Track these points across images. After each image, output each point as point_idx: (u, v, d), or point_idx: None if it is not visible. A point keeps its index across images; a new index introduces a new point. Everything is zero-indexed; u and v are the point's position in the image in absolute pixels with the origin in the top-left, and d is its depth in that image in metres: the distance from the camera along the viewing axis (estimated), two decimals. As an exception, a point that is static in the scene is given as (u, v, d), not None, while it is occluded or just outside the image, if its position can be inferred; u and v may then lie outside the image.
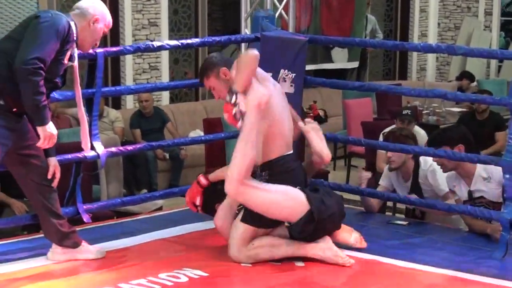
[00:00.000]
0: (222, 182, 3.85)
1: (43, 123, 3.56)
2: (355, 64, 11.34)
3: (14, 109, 3.58)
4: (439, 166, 4.43)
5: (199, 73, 4.06)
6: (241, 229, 3.84)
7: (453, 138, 4.37)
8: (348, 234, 4.00)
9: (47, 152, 3.76)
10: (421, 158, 4.72)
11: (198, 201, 4.20)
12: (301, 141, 4.52)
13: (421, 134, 6.34)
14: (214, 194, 4.14)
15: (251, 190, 3.73)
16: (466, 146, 4.33)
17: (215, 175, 4.16)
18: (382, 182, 4.84)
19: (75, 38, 3.68)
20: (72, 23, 3.65)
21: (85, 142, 4.13)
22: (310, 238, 3.84)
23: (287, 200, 3.78)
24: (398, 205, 5.45)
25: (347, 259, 3.82)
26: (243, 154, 3.71)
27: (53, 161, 3.80)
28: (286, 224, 3.83)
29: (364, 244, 4.04)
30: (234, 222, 3.89)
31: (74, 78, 3.85)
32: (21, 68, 3.44)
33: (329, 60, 10.96)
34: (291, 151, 3.94)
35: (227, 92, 3.80)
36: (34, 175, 3.74)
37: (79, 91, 3.93)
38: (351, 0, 11.11)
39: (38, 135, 3.63)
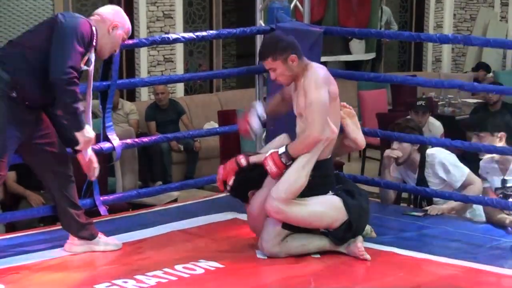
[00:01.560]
0: (260, 170, 3.78)
1: (80, 128, 3.63)
2: (372, 56, 11.29)
3: (27, 103, 3.60)
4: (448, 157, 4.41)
5: (263, 51, 3.85)
6: (278, 228, 3.79)
7: (495, 124, 4.34)
8: None
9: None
10: (428, 151, 4.70)
11: (231, 181, 3.91)
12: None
13: (436, 125, 6.30)
14: (250, 179, 3.91)
15: (292, 207, 3.72)
16: (509, 135, 4.29)
17: (257, 158, 3.92)
18: (393, 173, 4.83)
19: (94, 44, 3.70)
20: (93, 28, 3.67)
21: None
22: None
23: (327, 211, 3.78)
24: (404, 196, 5.38)
25: (364, 254, 3.81)
26: (297, 177, 3.70)
27: (88, 155, 3.79)
28: (322, 230, 3.83)
29: (374, 235, 4.05)
30: (271, 219, 3.81)
31: (88, 83, 3.84)
32: (59, 79, 3.51)
33: (347, 52, 10.92)
34: (331, 155, 3.93)
35: (288, 77, 3.79)
36: (51, 163, 3.76)
37: (90, 98, 3.87)
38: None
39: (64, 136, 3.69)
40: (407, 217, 4.53)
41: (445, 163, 4.60)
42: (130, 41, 4.68)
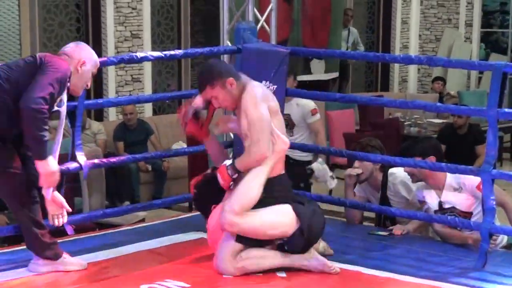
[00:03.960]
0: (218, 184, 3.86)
1: (43, 157, 3.61)
2: (332, 75, 11.38)
3: None
4: (411, 177, 4.48)
5: (199, 82, 3.92)
6: (231, 244, 3.81)
7: (425, 148, 4.43)
8: (317, 243, 4.00)
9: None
10: (390, 170, 4.76)
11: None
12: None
13: (303, 102, 6.14)
14: (210, 193, 3.99)
15: (244, 219, 3.74)
16: (437, 158, 4.40)
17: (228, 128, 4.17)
18: (359, 192, 4.87)
19: (68, 84, 3.71)
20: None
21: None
22: (301, 251, 3.87)
23: (280, 219, 3.81)
24: (367, 214, 5.43)
25: (333, 267, 3.84)
26: (247, 189, 3.75)
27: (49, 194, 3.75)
28: (278, 241, 3.84)
29: (331, 252, 4.07)
30: (225, 235, 3.85)
31: (59, 123, 3.84)
32: (28, 107, 3.51)
33: (308, 71, 11.04)
34: (284, 171, 3.96)
35: (230, 101, 3.84)
36: (14, 184, 3.74)
37: (60, 137, 3.86)
38: (328, 12, 11.19)
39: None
40: (372, 237, 4.57)
41: (406, 182, 4.65)
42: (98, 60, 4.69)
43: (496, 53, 12.93)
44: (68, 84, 3.73)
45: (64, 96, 3.74)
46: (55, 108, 3.70)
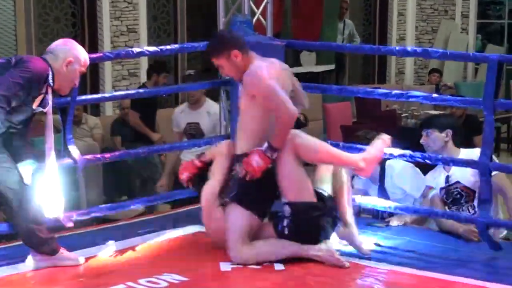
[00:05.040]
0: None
1: None
2: (325, 67, 11.37)
3: None
4: (426, 146, 4.51)
5: (208, 51, 4.03)
6: (239, 224, 3.84)
7: (443, 122, 4.52)
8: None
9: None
10: (387, 162, 4.76)
11: (184, 175, 4.21)
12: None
13: (215, 108, 5.98)
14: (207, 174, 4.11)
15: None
16: (454, 133, 4.48)
17: (208, 156, 4.16)
18: (357, 185, 4.88)
19: (50, 83, 3.68)
20: (50, 68, 3.67)
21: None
22: (303, 240, 3.89)
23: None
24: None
25: (344, 262, 3.85)
26: (234, 221, 3.83)
27: None
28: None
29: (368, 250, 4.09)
30: (228, 220, 3.88)
31: (47, 124, 3.80)
32: None
33: (298, 63, 11.04)
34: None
35: (236, 72, 3.90)
36: (10, 181, 3.72)
37: (51, 136, 3.83)
38: (320, 5, 11.18)
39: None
40: (369, 228, 4.57)
41: (403, 173, 4.66)
42: (94, 55, 4.69)
43: (492, 43, 12.94)
44: (51, 83, 3.69)
45: (49, 96, 3.71)
46: (38, 108, 3.67)
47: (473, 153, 4.35)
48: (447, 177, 4.46)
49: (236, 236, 3.84)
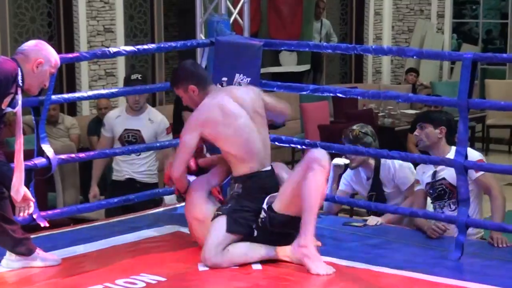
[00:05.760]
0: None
1: None
2: (305, 68, 11.41)
3: None
4: (418, 141, 4.55)
5: (170, 79, 4.22)
6: (221, 235, 3.86)
7: (439, 119, 4.53)
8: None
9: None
10: (382, 161, 4.82)
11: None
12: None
13: (159, 118, 5.68)
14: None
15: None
16: (448, 131, 4.50)
17: (204, 161, 4.22)
18: (342, 188, 4.92)
19: (20, 83, 3.65)
20: (19, 69, 3.63)
21: (16, 190, 3.70)
22: (277, 243, 3.92)
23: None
24: (344, 206, 5.49)
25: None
26: (219, 228, 3.87)
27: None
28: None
29: (318, 243, 4.09)
30: (212, 228, 3.90)
31: (17, 124, 3.73)
32: None
33: (277, 63, 11.05)
34: (267, 168, 4.01)
35: (192, 105, 4.05)
36: None
37: (20, 137, 3.75)
38: (299, 4, 11.21)
39: None
40: (347, 228, 4.59)
41: (393, 166, 4.76)
42: (70, 55, 4.66)
43: (467, 43, 13.04)
44: (20, 83, 3.68)
45: (19, 97, 3.68)
46: (7, 109, 3.64)
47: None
48: (435, 173, 4.50)
49: (214, 243, 3.86)
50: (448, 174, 4.41)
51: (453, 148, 4.42)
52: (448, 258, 4.02)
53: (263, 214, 3.91)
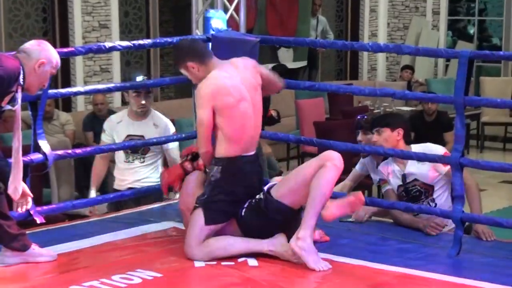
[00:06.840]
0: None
1: None
2: (301, 64, 11.42)
3: None
4: (378, 145, 4.53)
5: (173, 58, 4.29)
6: (199, 228, 3.89)
7: (395, 121, 4.53)
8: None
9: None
10: None
11: (177, 187, 4.20)
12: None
13: (164, 121, 5.42)
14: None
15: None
16: (405, 132, 4.49)
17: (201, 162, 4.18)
18: (357, 168, 4.89)
19: (21, 82, 3.65)
20: (21, 67, 3.63)
21: (14, 189, 3.74)
22: (261, 236, 3.90)
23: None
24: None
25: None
26: (197, 219, 3.88)
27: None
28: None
29: (326, 238, 4.14)
30: (191, 221, 3.93)
31: (15, 122, 3.73)
32: None
33: (276, 60, 11.06)
34: (251, 153, 4.00)
35: (196, 81, 4.01)
36: None
37: (19, 135, 3.75)
38: (295, 1, 11.22)
39: None
40: (343, 224, 4.59)
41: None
42: (66, 49, 4.65)
43: (462, 40, 13.07)
44: (22, 82, 3.67)
45: (19, 95, 3.68)
46: (7, 106, 3.63)
47: (426, 148, 4.40)
48: (404, 176, 4.46)
49: (194, 234, 3.89)
50: (420, 174, 4.41)
51: (413, 146, 4.43)
52: (443, 255, 4.02)
53: (260, 195, 3.92)
